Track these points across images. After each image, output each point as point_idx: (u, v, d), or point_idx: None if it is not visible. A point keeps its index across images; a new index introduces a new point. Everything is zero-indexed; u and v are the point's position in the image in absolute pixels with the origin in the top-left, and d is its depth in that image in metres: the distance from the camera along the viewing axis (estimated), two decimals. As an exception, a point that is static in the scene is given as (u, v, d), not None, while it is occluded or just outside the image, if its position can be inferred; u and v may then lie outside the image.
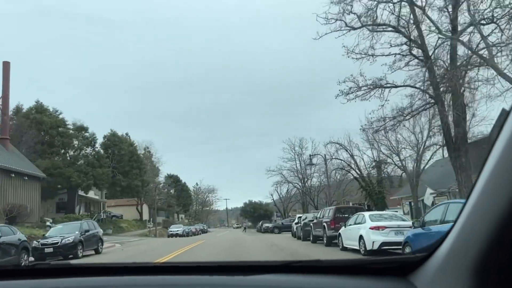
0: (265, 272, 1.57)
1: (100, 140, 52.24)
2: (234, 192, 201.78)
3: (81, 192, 53.53)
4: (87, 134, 46.70)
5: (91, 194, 58.36)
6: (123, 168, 50.93)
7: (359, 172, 36.68)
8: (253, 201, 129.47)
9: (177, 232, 52.19)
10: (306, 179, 76.72)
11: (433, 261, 1.30)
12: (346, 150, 37.03)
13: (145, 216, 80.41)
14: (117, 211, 73.16)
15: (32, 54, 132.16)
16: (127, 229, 60.10)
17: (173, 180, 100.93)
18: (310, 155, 34.25)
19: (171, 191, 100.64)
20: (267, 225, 64.26)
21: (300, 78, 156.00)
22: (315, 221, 23.43)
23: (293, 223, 30.71)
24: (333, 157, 37.89)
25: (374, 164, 35.35)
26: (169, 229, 55.06)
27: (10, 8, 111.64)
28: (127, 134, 74.97)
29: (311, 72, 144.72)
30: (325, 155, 34.69)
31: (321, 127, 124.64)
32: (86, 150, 46.88)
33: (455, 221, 1.20)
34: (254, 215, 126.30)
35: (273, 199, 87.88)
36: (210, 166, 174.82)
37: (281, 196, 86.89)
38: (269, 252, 18.82)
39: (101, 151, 51.51)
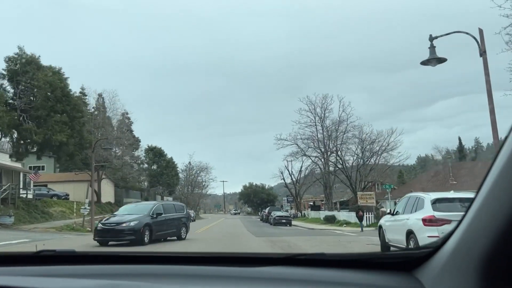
0: (269, 264, 1.56)
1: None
2: (234, 175, 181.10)
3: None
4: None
5: (5, 159, 37.36)
6: (36, 111, 29.48)
7: None
8: (254, 184, 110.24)
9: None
10: (331, 152, 55.09)
11: (439, 256, 1.26)
12: None
13: (108, 197, 59.48)
14: (67, 189, 52.44)
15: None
16: (62, 215, 39.35)
17: (155, 154, 79.80)
18: (431, 37, 12.25)
19: (153, 166, 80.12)
20: (279, 214, 43.54)
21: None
22: None
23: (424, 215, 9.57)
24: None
25: None
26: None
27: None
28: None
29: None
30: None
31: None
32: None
33: (462, 217, 1.15)
34: (254, 200, 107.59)
35: (283, 178, 66.66)
36: (208, 151, 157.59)
37: (292, 175, 65.80)
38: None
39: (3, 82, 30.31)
